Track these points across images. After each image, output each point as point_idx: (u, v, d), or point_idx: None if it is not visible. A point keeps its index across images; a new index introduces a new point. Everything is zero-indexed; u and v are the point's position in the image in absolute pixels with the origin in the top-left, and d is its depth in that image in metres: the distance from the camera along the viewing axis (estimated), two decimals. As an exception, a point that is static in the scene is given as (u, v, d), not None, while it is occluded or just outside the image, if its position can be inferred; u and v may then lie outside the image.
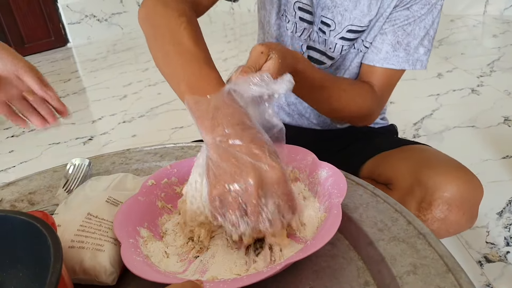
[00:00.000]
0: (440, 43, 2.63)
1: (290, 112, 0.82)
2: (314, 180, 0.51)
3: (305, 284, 0.41)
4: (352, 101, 0.65)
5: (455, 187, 0.58)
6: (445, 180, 0.58)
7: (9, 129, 2.21)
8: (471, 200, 0.59)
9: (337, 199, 0.44)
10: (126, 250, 0.42)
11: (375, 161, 0.73)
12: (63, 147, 1.89)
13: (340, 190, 0.46)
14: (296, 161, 0.54)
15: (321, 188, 0.50)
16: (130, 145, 0.72)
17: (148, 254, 0.44)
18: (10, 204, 0.60)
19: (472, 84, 1.90)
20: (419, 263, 0.40)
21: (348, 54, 0.72)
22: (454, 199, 0.58)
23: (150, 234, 0.47)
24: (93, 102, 2.49)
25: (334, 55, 0.72)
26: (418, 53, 0.67)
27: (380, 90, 0.68)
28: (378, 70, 0.68)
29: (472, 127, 1.51)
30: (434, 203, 0.59)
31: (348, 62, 0.73)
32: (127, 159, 0.68)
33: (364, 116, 0.69)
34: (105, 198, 0.50)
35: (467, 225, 0.61)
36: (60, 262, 0.30)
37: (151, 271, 0.40)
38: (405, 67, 0.67)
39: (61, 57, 3.90)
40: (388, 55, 0.67)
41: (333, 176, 0.49)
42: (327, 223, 0.42)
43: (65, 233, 0.43)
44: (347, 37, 0.69)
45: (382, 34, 0.67)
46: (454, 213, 0.58)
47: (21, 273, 0.35)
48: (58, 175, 0.66)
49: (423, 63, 0.68)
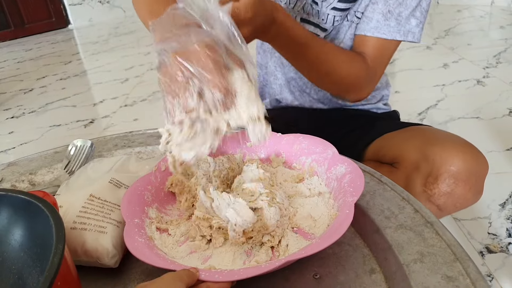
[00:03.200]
0: (446, 33, 2.59)
1: (291, 89, 0.82)
2: (332, 175, 0.49)
3: (310, 271, 0.40)
4: (342, 65, 0.63)
5: (462, 161, 0.58)
6: (452, 154, 0.58)
7: (9, 110, 2.20)
8: (477, 174, 0.59)
9: (351, 198, 0.42)
10: (129, 229, 0.41)
11: (380, 142, 0.73)
12: (64, 130, 1.88)
13: (356, 188, 0.43)
14: (315, 153, 0.53)
15: (337, 184, 0.48)
16: (131, 129, 0.71)
17: (152, 236, 0.43)
18: (11, 184, 0.59)
19: (478, 75, 1.88)
20: (426, 251, 0.39)
21: (342, 27, 0.71)
22: (460, 173, 0.58)
23: (159, 215, 0.47)
24: (94, 85, 2.47)
25: (327, 27, 0.71)
26: (409, 24, 0.66)
27: (372, 61, 0.67)
28: (369, 40, 0.67)
29: (477, 118, 1.50)
30: (441, 177, 0.58)
31: (342, 35, 0.72)
32: (130, 142, 0.67)
33: (354, 85, 0.67)
34: (107, 179, 0.49)
35: (473, 199, 0.61)
36: (62, 243, 0.29)
37: (151, 254, 0.39)
38: (396, 37, 0.66)
39: (62, 38, 3.85)
40: (379, 24, 0.66)
41: (351, 173, 0.46)
42: (336, 222, 0.41)
43: (67, 214, 0.43)
44: (339, 7, 0.68)
45: (373, 3, 0.66)
46: (460, 187, 0.58)
47: (23, 253, 0.34)
48: (59, 156, 0.65)
49: (415, 35, 0.67)
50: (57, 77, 2.67)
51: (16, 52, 3.55)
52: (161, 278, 0.33)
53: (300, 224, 0.46)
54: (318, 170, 0.52)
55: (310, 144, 0.54)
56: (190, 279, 0.34)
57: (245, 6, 0.47)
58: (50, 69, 2.89)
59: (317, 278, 0.40)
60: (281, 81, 0.82)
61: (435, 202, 0.60)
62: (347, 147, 0.65)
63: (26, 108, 2.20)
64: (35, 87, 2.53)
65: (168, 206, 0.50)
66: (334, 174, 0.49)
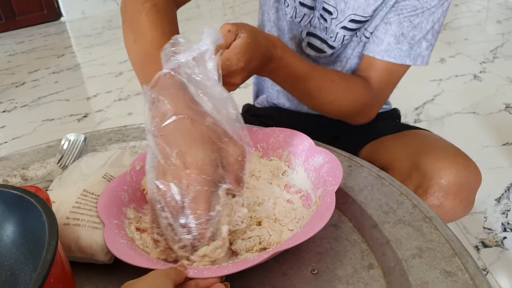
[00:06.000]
0: (443, 28, 2.59)
1: (289, 97, 0.80)
2: (310, 166, 0.50)
3: (308, 266, 0.40)
4: (344, 94, 0.61)
5: (453, 174, 0.56)
6: (443, 166, 0.57)
7: (0, 104, 2.17)
8: (469, 187, 0.58)
9: (331, 187, 0.42)
10: (109, 231, 0.40)
11: (374, 145, 0.71)
12: (57, 124, 1.86)
13: (335, 177, 0.44)
14: (292, 146, 0.53)
15: (316, 175, 0.48)
16: (126, 123, 0.70)
17: (133, 236, 0.42)
18: (2, 179, 0.58)
19: (475, 70, 1.88)
20: (425, 246, 0.39)
21: (350, 43, 0.69)
22: (450, 186, 0.57)
23: (137, 216, 0.46)
24: (88, 79, 2.44)
25: (335, 45, 0.68)
26: (420, 48, 0.63)
27: (378, 85, 0.65)
28: (377, 63, 0.64)
29: (473, 113, 1.50)
30: (430, 190, 0.57)
31: (350, 51, 0.70)
32: (124, 136, 0.66)
33: (359, 112, 0.65)
34: (101, 174, 0.48)
35: (463, 212, 0.60)
36: (55, 239, 0.28)
37: (136, 255, 0.38)
38: (406, 62, 0.63)
39: (54, 31, 3.80)
40: (390, 47, 0.63)
41: (329, 163, 0.47)
42: (319, 211, 0.41)
43: (60, 209, 0.42)
44: (349, 27, 0.66)
45: (386, 23, 0.63)
46: (450, 200, 0.57)
47: (15, 249, 0.33)
48: (52, 150, 0.64)
49: (424, 59, 0.64)
50: (49, 71, 2.64)
51: (7, 45, 3.50)
52: (148, 275, 0.32)
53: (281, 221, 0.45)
54: (295, 162, 0.52)
55: (286, 136, 0.54)
56: (178, 277, 0.33)
57: (237, 56, 0.44)
58: (43, 62, 2.85)
59: (315, 274, 0.39)
60: (278, 88, 0.79)
61: None
62: (342, 148, 0.64)
63: (18, 102, 2.17)
64: (27, 81, 2.49)
65: (145, 206, 0.48)
66: (312, 165, 0.49)
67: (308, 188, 0.49)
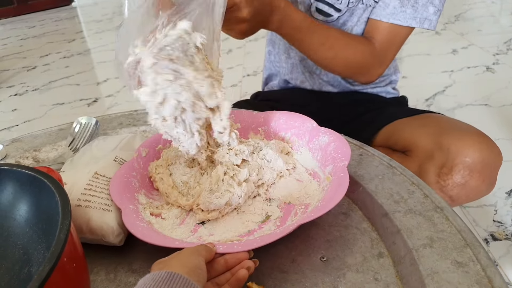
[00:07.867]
0: (456, 19, 2.53)
1: (302, 70, 0.81)
2: (315, 145, 0.50)
3: (317, 253, 0.40)
4: (345, 48, 0.63)
5: (477, 152, 0.57)
6: (467, 144, 0.57)
7: (12, 87, 2.19)
8: (492, 165, 0.58)
9: (342, 163, 0.43)
10: (128, 216, 0.40)
11: (391, 129, 0.71)
12: (67, 108, 1.87)
13: (344, 154, 0.45)
14: (294, 127, 0.53)
15: (322, 153, 0.48)
16: (135, 109, 0.70)
17: (150, 220, 0.43)
18: (15, 160, 0.59)
19: (488, 61, 1.84)
20: (436, 236, 0.38)
21: (356, 9, 0.70)
22: (475, 164, 0.57)
23: (148, 201, 0.46)
24: (98, 64, 2.44)
25: (341, 7, 0.69)
26: (427, 12, 0.64)
27: (381, 45, 0.66)
28: (383, 25, 0.66)
29: (485, 105, 1.47)
30: (455, 168, 0.58)
31: (356, 18, 0.70)
32: (135, 120, 0.67)
33: (361, 67, 0.67)
34: (112, 157, 0.48)
35: (487, 190, 0.61)
36: (68, 219, 0.28)
37: (159, 237, 0.39)
38: (412, 24, 0.65)
39: (65, 16, 3.80)
40: (396, 10, 0.64)
41: (335, 141, 0.47)
42: (334, 184, 0.41)
43: (71, 191, 0.42)
44: None
45: None
46: (475, 179, 0.58)
47: (28, 228, 0.34)
48: (63, 133, 0.64)
49: (431, 23, 0.65)
50: (60, 55, 2.64)
51: (19, 29, 3.51)
52: (179, 253, 0.33)
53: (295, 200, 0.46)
54: (299, 143, 0.52)
55: (288, 119, 0.54)
56: (208, 254, 0.34)
57: None
58: (54, 47, 2.86)
59: (324, 261, 0.39)
60: (294, 60, 0.81)
61: (448, 193, 0.60)
62: (356, 132, 0.64)
63: (29, 85, 2.18)
64: (38, 65, 2.50)
65: (154, 192, 0.49)
66: (317, 144, 0.50)
67: (314, 166, 0.50)
